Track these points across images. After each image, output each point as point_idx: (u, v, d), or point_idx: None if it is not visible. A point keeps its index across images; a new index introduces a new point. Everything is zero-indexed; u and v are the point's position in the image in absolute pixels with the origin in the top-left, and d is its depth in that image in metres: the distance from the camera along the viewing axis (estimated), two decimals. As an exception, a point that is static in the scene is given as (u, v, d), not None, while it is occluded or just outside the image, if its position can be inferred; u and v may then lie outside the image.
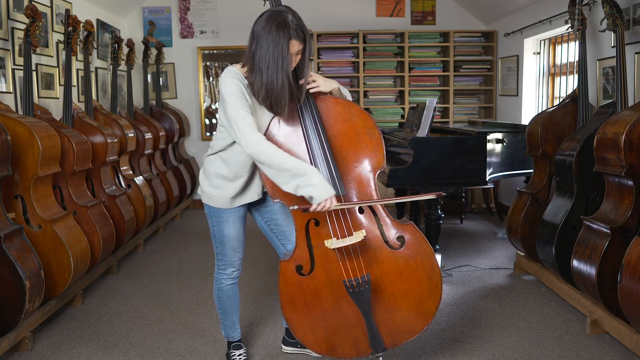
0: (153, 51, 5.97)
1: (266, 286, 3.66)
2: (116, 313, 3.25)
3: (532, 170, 3.77)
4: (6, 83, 3.58)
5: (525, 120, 5.25)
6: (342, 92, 2.36)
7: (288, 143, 2.26)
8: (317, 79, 2.27)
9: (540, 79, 5.19)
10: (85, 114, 4.07)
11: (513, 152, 3.77)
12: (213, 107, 6.46)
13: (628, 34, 3.43)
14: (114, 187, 4.10)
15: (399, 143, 3.66)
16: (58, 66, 4.35)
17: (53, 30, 4.30)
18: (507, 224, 3.85)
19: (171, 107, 6.18)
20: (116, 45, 5.08)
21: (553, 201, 3.33)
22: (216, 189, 2.31)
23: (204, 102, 6.40)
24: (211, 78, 6.42)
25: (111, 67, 5.12)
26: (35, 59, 3.96)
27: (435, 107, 3.62)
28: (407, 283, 2.29)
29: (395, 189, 4.83)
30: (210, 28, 6.26)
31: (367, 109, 6.06)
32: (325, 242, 2.24)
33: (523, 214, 3.63)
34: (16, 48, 3.69)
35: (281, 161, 2.09)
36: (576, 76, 3.79)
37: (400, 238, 2.30)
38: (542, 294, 3.43)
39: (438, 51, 6.18)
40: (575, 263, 2.88)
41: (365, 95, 6.16)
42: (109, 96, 5.19)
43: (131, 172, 4.63)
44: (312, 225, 2.29)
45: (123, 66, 5.46)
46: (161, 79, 6.23)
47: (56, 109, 4.22)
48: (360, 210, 2.31)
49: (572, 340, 2.80)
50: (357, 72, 6.09)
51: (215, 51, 6.35)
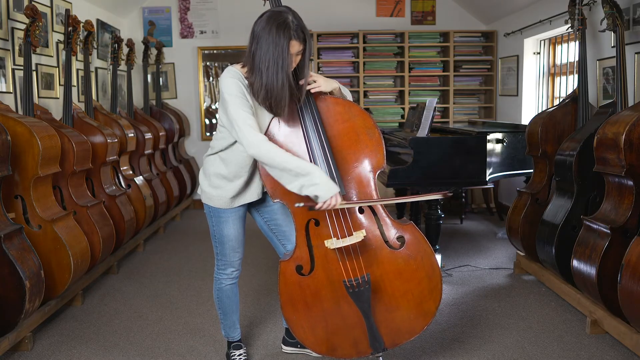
0: (153, 51, 5.97)
1: (266, 286, 3.66)
2: (116, 313, 3.25)
3: (532, 170, 3.77)
4: (6, 83, 3.58)
5: (525, 120, 5.25)
6: (343, 92, 2.36)
7: (288, 143, 2.26)
8: (318, 79, 2.27)
9: (540, 79, 5.19)
10: (85, 114, 4.07)
11: (513, 152, 3.77)
12: (213, 107, 6.46)
13: (628, 34, 3.43)
14: (114, 187, 4.10)
15: (399, 143, 3.66)
16: (58, 66, 4.35)
17: (53, 30, 4.30)
18: (507, 224, 3.85)
19: (171, 107, 6.18)
20: (116, 45, 5.08)
21: (553, 201, 3.33)
22: (216, 189, 2.31)
23: (204, 102, 6.40)
24: (211, 78, 6.42)
25: (111, 67, 5.12)
26: (35, 59, 3.96)
27: (435, 107, 3.62)
28: (407, 283, 2.29)
29: (395, 189, 4.83)
30: (210, 28, 6.26)
31: (367, 109, 6.05)
32: (325, 242, 2.24)
33: (523, 214, 3.63)
34: (16, 48, 3.69)
35: (283, 161, 2.09)
36: (576, 76, 3.79)
37: (400, 238, 2.30)
38: (542, 294, 3.43)
39: (438, 51, 6.17)
40: (575, 263, 2.88)
41: (365, 95, 6.15)
42: (109, 96, 5.19)
43: (131, 172, 4.63)
44: (312, 225, 2.29)
45: (123, 66, 5.46)
46: (161, 79, 6.23)
47: (56, 109, 4.22)
48: (360, 210, 2.31)
49: (572, 340, 2.80)
50: (357, 72, 6.09)
51: (215, 51, 6.35)
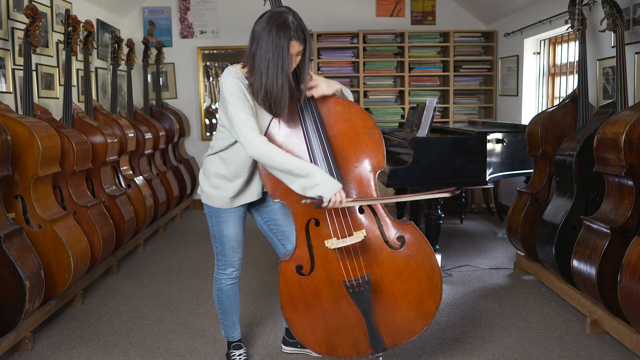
0: (153, 51, 5.97)
1: (266, 286, 3.66)
2: (116, 313, 3.25)
3: (532, 170, 3.77)
4: (6, 83, 3.58)
5: (525, 120, 5.25)
6: (345, 93, 2.35)
7: (288, 143, 2.26)
8: (319, 82, 2.25)
9: (540, 79, 5.19)
10: (85, 114, 4.07)
11: (513, 152, 3.77)
12: (213, 107, 6.46)
13: (628, 34, 3.43)
14: (114, 187, 4.10)
15: (399, 143, 3.66)
16: (58, 66, 4.35)
17: (53, 30, 4.30)
18: (507, 224, 3.85)
19: (171, 107, 6.18)
20: (116, 45, 5.08)
21: (553, 201, 3.33)
22: (216, 189, 2.31)
23: (204, 102, 6.40)
24: (211, 78, 6.42)
25: (111, 67, 5.12)
26: (35, 59, 3.96)
27: (435, 107, 3.62)
28: (407, 283, 2.29)
29: (395, 189, 4.83)
30: (210, 28, 6.26)
31: (367, 109, 6.05)
32: (325, 242, 2.24)
33: (523, 214, 3.63)
34: (16, 48, 3.69)
35: (282, 162, 2.09)
36: (576, 76, 3.79)
37: (400, 238, 2.30)
38: (542, 294, 3.43)
39: (438, 51, 6.17)
40: (575, 263, 2.88)
41: (365, 95, 6.15)
42: (109, 96, 5.19)
43: (131, 172, 4.63)
44: (312, 225, 2.29)
45: (123, 66, 5.46)
46: (161, 79, 6.23)
47: (56, 109, 4.22)
48: (360, 210, 2.31)
49: (572, 340, 2.80)
50: (357, 72, 6.09)
51: (215, 51, 6.35)
